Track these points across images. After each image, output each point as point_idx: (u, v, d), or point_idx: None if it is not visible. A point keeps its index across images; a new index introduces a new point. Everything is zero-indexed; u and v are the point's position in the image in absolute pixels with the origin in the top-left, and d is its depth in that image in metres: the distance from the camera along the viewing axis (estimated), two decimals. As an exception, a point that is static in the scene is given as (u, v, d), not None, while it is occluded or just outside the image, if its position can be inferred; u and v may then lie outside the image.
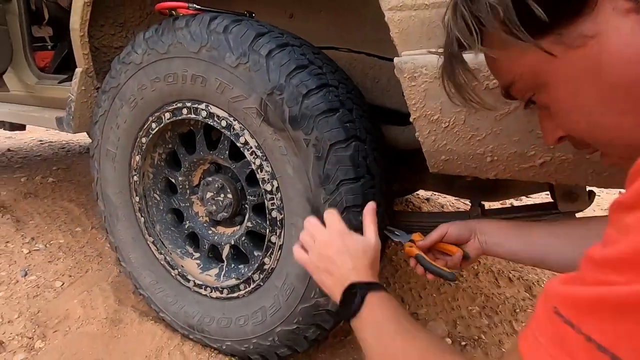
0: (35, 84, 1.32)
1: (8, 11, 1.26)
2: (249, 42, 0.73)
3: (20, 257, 1.42)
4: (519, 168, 0.65)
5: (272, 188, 0.79)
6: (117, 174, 1.01)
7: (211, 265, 1.01)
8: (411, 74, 0.64)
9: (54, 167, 2.63)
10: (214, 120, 0.82)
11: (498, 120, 0.62)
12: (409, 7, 0.61)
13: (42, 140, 3.63)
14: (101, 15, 1.09)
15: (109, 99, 0.94)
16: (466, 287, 1.38)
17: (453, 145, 0.67)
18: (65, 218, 1.79)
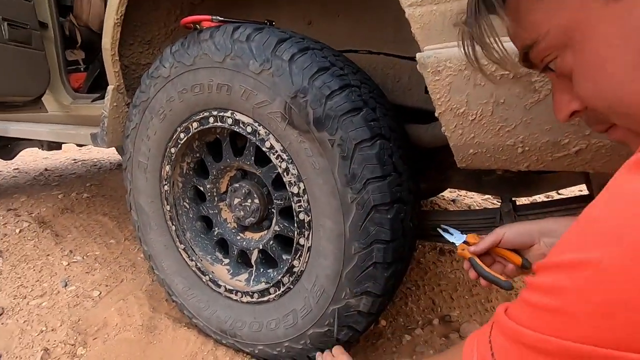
0: (70, 103, 1.40)
1: (45, 37, 1.35)
2: (272, 48, 0.75)
3: (60, 269, 1.49)
4: (552, 158, 0.63)
5: (298, 190, 0.79)
6: (149, 184, 1.05)
7: (240, 270, 1.03)
8: (435, 68, 0.63)
9: (88, 184, 2.75)
10: (240, 127, 0.84)
11: (528, 110, 0.60)
12: (429, 2, 0.61)
13: (76, 159, 3.82)
14: (130, 34, 1.14)
15: (140, 113, 0.99)
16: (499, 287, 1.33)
17: (481, 138, 0.66)
18: (100, 231, 1.87)
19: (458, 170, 1.00)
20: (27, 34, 1.21)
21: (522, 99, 0.60)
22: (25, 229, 1.88)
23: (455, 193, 2.28)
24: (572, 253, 0.32)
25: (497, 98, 0.61)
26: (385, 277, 0.75)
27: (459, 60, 0.61)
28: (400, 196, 0.74)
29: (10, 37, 1.14)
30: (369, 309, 0.78)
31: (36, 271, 1.48)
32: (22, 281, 1.40)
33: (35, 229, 1.87)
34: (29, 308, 1.24)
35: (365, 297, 0.77)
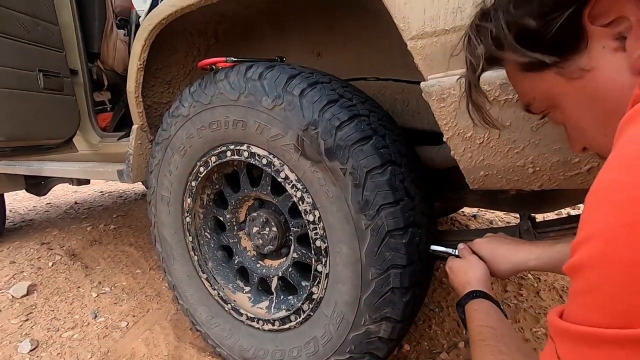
0: (98, 142, 1.49)
1: (75, 83, 1.45)
2: (283, 85, 0.79)
3: (90, 300, 1.55)
4: (564, 177, 0.63)
5: (314, 218, 0.81)
6: (172, 217, 1.09)
7: (261, 298, 1.04)
8: (439, 96, 0.65)
9: (114, 215, 2.86)
10: (256, 159, 0.88)
11: (535, 131, 0.61)
12: (430, 34, 0.63)
13: (103, 191, 3.99)
14: (151, 76, 1.22)
15: (162, 150, 1.04)
16: (527, 307, 1.29)
17: (491, 160, 0.67)
18: (127, 261, 1.93)
19: (473, 190, 1.00)
20: (60, 81, 1.31)
21: (528, 121, 0.61)
22: (57, 262, 1.96)
23: (476, 209, 2.24)
24: (585, 225, 0.31)
25: (503, 121, 0.63)
26: (404, 302, 0.75)
27: (462, 87, 0.63)
28: (414, 220, 0.75)
29: (44, 86, 1.24)
30: (389, 334, 0.78)
31: (68, 303, 1.53)
32: (55, 314, 1.46)
33: (67, 261, 1.96)
34: (62, 340, 1.28)
35: (385, 323, 0.77)
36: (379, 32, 1.02)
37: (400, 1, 0.64)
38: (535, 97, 0.46)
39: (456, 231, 1.55)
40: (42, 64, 1.24)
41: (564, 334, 0.32)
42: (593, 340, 0.29)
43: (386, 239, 0.72)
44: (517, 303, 1.33)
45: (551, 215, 1.87)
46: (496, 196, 1.03)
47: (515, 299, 1.35)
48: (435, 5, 0.62)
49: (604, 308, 0.29)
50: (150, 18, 1.00)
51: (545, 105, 0.46)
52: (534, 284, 1.43)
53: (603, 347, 0.28)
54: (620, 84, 0.37)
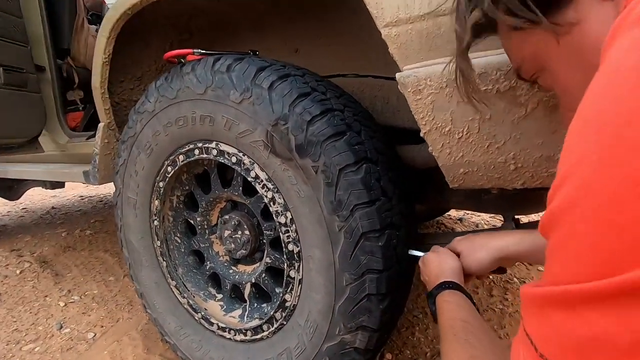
0: (66, 142, 1.42)
1: (42, 80, 1.38)
2: (251, 77, 0.74)
3: (57, 310, 1.46)
4: (548, 173, 0.59)
5: (286, 220, 0.76)
6: (139, 220, 1.02)
7: (234, 306, 0.98)
8: (415, 87, 0.61)
9: (92, 220, 2.76)
10: (225, 158, 0.82)
11: (516, 124, 0.57)
12: (405, 21, 0.59)
13: (83, 196, 3.86)
14: (120, 72, 1.16)
15: (127, 149, 0.98)
16: (512, 311, 1.26)
17: (470, 157, 0.62)
18: (100, 268, 1.84)
19: (456, 190, 0.96)
20: (23, 77, 1.24)
21: (509, 113, 0.57)
22: (26, 269, 1.86)
23: (462, 212, 2.21)
24: (562, 166, 0.27)
25: (483, 114, 0.58)
26: (381, 309, 0.70)
27: (439, 77, 0.59)
28: (391, 221, 0.70)
29: (5, 82, 1.17)
30: (365, 345, 0.72)
31: (32, 314, 1.44)
32: (18, 325, 1.37)
33: (36, 269, 1.86)
34: (21, 354, 1.20)
35: (361, 333, 0.71)
36: (358, 28, 0.98)
37: (373, -15, 0.60)
38: (525, 59, 0.45)
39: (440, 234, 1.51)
40: (3, 59, 1.16)
41: (530, 302, 0.28)
42: (566, 300, 0.24)
43: (361, 241, 0.67)
44: (503, 308, 1.29)
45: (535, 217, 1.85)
46: (479, 197, 0.99)
47: (501, 304, 1.31)
48: (409, -11, 0.57)
49: (581, 257, 0.24)
50: (114, 8, 0.94)
51: (535, 67, 0.44)
52: (519, 287, 1.40)
53: (578, 307, 0.23)
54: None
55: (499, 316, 1.24)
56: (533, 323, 0.28)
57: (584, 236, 0.24)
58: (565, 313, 0.24)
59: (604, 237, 0.23)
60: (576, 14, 0.37)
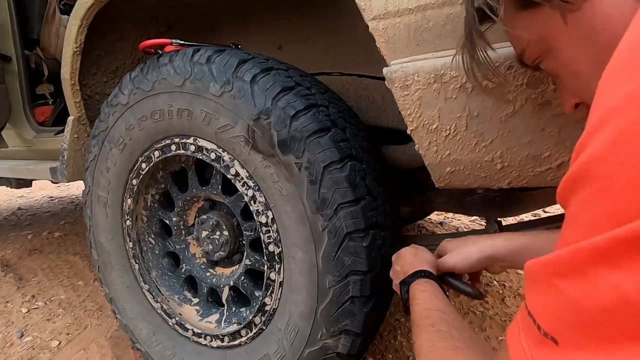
0: (33, 138, 1.33)
1: (7, 71, 1.30)
2: (232, 70, 0.71)
3: (19, 317, 1.36)
4: (534, 173, 0.59)
5: (267, 220, 0.73)
6: (110, 220, 0.96)
7: (211, 310, 0.94)
8: (402, 82, 0.59)
9: (62, 222, 2.62)
10: (203, 154, 0.78)
11: (504, 122, 0.56)
12: (393, 14, 0.58)
13: (52, 196, 3.68)
14: (93, 63, 1.10)
15: (99, 144, 0.92)
16: (493, 314, 1.26)
17: (457, 155, 0.61)
18: (69, 272, 1.74)
19: (440, 191, 0.96)
20: (-14, 67, 1.15)
21: (497, 110, 0.56)
22: (-15, 274, 1.74)
23: (443, 215, 2.23)
24: (596, 111, 0.23)
25: (471, 111, 0.57)
26: (365, 312, 0.68)
27: (427, 73, 0.57)
28: (377, 221, 0.68)
29: (-35, 70, 1.08)
30: (348, 349, 0.69)
31: (-9, 321, 1.34)
32: (-26, 334, 1.27)
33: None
34: (-24, 365, 1.10)
35: (344, 337, 0.69)
36: (344, 26, 0.96)
37: (361, -24, 0.58)
38: (530, 41, 0.43)
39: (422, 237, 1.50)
40: (-37, 46, 1.08)
41: (535, 274, 0.24)
42: (576, 262, 0.20)
43: (345, 241, 0.65)
44: (483, 311, 1.29)
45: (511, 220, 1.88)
46: (463, 198, 0.99)
47: (482, 307, 1.32)
48: (398, -19, 0.56)
49: (609, 207, 0.20)
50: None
51: (540, 49, 0.43)
52: (500, 290, 1.41)
53: (591, 269, 0.19)
54: (621, 11, 0.34)
55: (480, 319, 1.24)
56: (537, 298, 0.24)
57: (624, 185, 0.19)
58: (575, 280, 0.21)
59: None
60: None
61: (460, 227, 2.08)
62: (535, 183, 0.60)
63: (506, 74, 0.52)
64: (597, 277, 0.19)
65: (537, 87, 0.52)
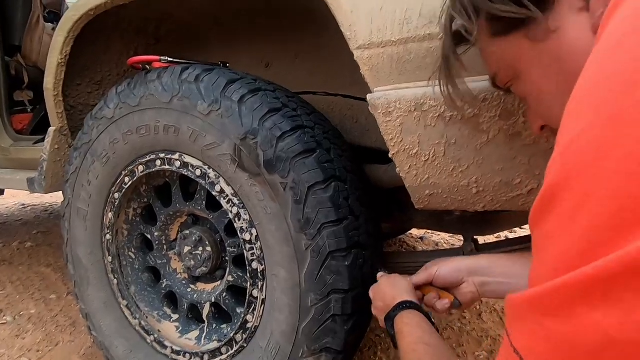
0: (10, 146, 1.30)
1: (-15, 77, 1.27)
2: (221, 89, 0.72)
3: (-15, 333, 1.30)
4: (507, 198, 0.62)
5: (251, 237, 0.74)
6: (89, 233, 0.95)
7: (191, 327, 0.92)
8: (385, 109, 0.62)
9: (34, 231, 2.53)
10: (188, 170, 0.79)
11: (479, 150, 0.60)
12: (377, 45, 0.61)
13: (25, 204, 3.54)
14: (77, 74, 1.09)
15: (81, 156, 0.91)
16: (470, 330, 1.29)
17: (436, 179, 0.64)
18: (40, 285, 1.68)
19: (420, 211, 0.99)
20: (-37, 73, 1.12)
21: (473, 139, 0.59)
22: (-51, 286, 1.65)
23: (423, 231, 2.27)
24: (562, 136, 0.25)
25: (449, 139, 0.61)
26: (346, 330, 0.69)
27: (408, 101, 0.61)
28: (358, 241, 0.70)
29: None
30: (329, 368, 0.70)
31: (-47, 338, 1.27)
32: None
33: (-38, 285, 1.65)
34: (-64, 385, 1.05)
35: (325, 355, 0.70)
36: (330, 48, 1.00)
37: (347, 9, 0.61)
38: (502, 66, 0.46)
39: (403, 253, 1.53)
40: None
41: (517, 310, 0.24)
42: (560, 300, 0.19)
43: (327, 260, 0.66)
44: (461, 326, 1.32)
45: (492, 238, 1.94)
46: (442, 218, 1.02)
47: (459, 322, 1.35)
48: (382, 15, 0.59)
49: (585, 232, 0.20)
50: (76, 8, 0.89)
51: (511, 74, 0.46)
52: (477, 305, 1.45)
53: (576, 307, 0.19)
54: (583, 44, 0.37)
55: (457, 334, 1.27)
56: (522, 336, 0.23)
57: (591, 206, 0.19)
58: (560, 318, 0.20)
59: (620, 195, 0.18)
60: (555, 22, 0.39)
61: (440, 243, 2.12)
62: (508, 207, 0.64)
63: (481, 106, 0.56)
64: (580, 315, 0.19)
65: (508, 119, 0.56)
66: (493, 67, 0.48)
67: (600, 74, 0.25)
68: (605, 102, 0.23)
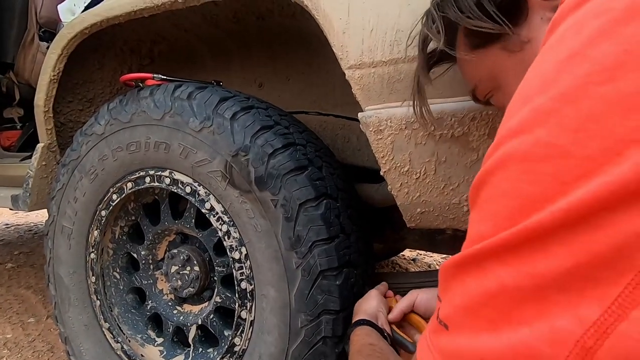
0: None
1: (-25, 93, 1.25)
2: (213, 107, 0.72)
3: (-45, 360, 1.23)
4: (497, 216, 0.62)
5: (240, 256, 0.72)
6: (72, 252, 0.92)
7: (176, 351, 0.89)
8: (376, 127, 0.63)
9: (16, 252, 2.44)
10: (178, 187, 0.78)
11: (469, 168, 0.60)
12: (368, 65, 0.62)
13: (8, 223, 3.45)
14: (69, 91, 1.09)
15: (68, 172, 0.90)
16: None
17: (427, 197, 0.64)
18: (19, 308, 1.61)
19: (412, 230, 0.98)
20: (-48, 89, 1.11)
21: (462, 157, 0.60)
22: None
23: (416, 252, 2.26)
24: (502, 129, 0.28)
25: (439, 157, 0.61)
26: (337, 353, 0.67)
27: (399, 119, 0.61)
28: (350, 259, 0.69)
29: None
30: (319, 394, 0.67)
31: None
32: None
33: None
34: None
35: (315, 380, 0.67)
36: (322, 69, 1.02)
37: (339, 30, 0.63)
38: (481, 78, 0.47)
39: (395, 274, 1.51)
40: None
41: (445, 274, 0.28)
42: (477, 259, 0.24)
43: (318, 280, 0.65)
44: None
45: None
46: (434, 237, 1.02)
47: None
48: (373, 36, 0.61)
49: (500, 208, 0.24)
50: (71, 26, 0.90)
51: (490, 85, 0.47)
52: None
53: (486, 263, 0.23)
54: None
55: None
56: (447, 298, 0.27)
57: (511, 181, 0.24)
58: (474, 272, 0.24)
59: (528, 178, 0.23)
60: (528, 33, 0.41)
61: (433, 264, 2.11)
62: (499, 226, 0.64)
63: (470, 124, 0.57)
64: (488, 270, 0.23)
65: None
66: (473, 80, 0.49)
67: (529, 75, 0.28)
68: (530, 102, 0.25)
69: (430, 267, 2.08)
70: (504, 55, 0.43)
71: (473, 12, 0.42)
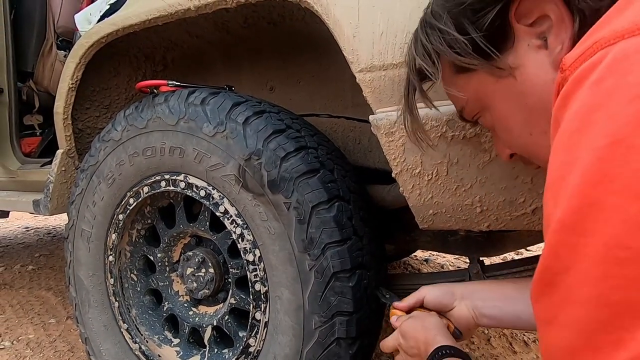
0: (17, 169, 1.32)
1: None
2: (226, 112, 0.74)
3: (-19, 359, 1.27)
4: (511, 217, 0.62)
5: (254, 258, 0.73)
6: (92, 255, 0.95)
7: (192, 351, 0.90)
8: (388, 130, 0.63)
9: (37, 254, 2.52)
10: (193, 191, 0.80)
11: (481, 169, 0.60)
12: (378, 68, 0.63)
13: (28, 227, 3.55)
14: (87, 98, 1.12)
15: (87, 177, 0.92)
16: (479, 355, 1.25)
17: (439, 198, 0.64)
18: (40, 309, 1.66)
19: (424, 231, 0.98)
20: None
21: (475, 158, 0.60)
22: (-51, 310, 1.64)
23: (428, 253, 2.24)
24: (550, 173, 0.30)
25: (451, 158, 0.61)
26: (351, 354, 0.67)
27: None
28: (362, 261, 0.70)
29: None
30: (333, 394, 0.68)
31: (-50, 363, 1.25)
32: None
33: (-38, 309, 1.64)
34: None
35: (329, 381, 0.68)
36: (332, 72, 1.02)
37: (349, 34, 0.63)
38: (468, 100, 0.47)
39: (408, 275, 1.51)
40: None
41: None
42: None
43: (331, 281, 0.66)
44: (469, 352, 1.28)
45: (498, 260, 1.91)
46: (446, 238, 1.01)
47: (467, 348, 1.31)
48: (383, 39, 0.61)
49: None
50: (88, 36, 0.93)
51: (477, 107, 0.47)
52: (485, 330, 1.41)
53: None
54: (544, 80, 0.39)
55: None
56: None
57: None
58: None
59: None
60: (515, 60, 0.41)
61: (446, 265, 2.09)
62: (513, 226, 0.63)
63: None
64: None
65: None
66: (460, 101, 0.49)
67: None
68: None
69: (443, 267, 2.07)
70: (491, 80, 0.43)
71: (460, 48, 0.42)
